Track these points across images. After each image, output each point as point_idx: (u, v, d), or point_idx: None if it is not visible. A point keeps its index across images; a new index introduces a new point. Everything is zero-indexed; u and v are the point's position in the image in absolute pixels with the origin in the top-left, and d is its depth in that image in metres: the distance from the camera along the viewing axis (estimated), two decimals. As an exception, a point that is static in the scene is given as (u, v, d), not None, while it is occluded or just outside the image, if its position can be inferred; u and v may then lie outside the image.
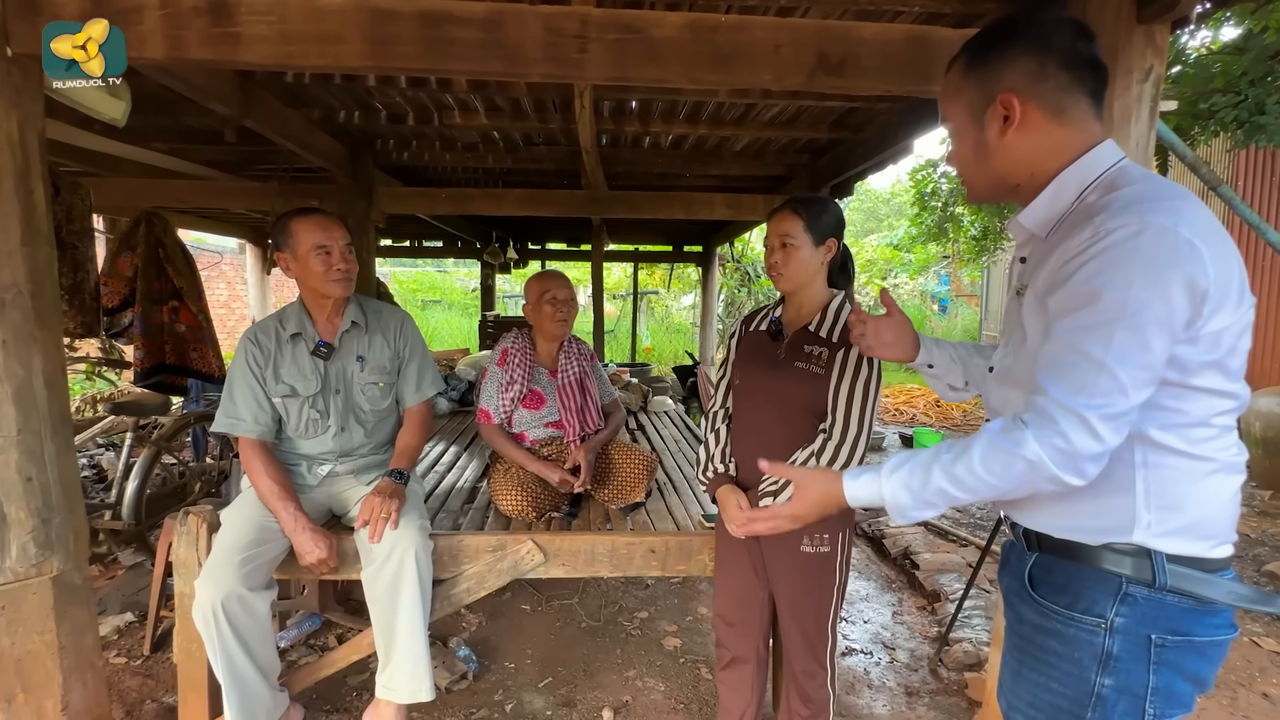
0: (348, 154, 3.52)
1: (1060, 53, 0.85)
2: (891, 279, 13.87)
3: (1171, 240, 0.75)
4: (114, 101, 1.74)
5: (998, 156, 0.90)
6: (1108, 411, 0.76)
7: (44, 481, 1.54)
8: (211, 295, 10.13)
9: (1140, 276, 0.75)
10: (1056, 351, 0.80)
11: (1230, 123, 4.14)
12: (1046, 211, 0.89)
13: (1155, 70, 1.58)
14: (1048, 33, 0.86)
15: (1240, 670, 2.39)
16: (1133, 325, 0.75)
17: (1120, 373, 0.75)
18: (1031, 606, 0.91)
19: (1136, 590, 0.82)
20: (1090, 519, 0.86)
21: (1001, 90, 0.86)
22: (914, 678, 2.34)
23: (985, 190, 0.96)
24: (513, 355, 2.16)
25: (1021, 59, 0.86)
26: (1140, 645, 0.83)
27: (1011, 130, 0.87)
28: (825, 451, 1.44)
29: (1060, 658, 0.87)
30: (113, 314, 3.00)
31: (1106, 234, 0.77)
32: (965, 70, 0.92)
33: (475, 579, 1.83)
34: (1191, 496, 0.82)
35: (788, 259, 1.48)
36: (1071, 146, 0.87)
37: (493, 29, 1.51)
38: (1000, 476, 0.81)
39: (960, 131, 0.94)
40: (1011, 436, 0.80)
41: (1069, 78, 0.85)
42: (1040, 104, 0.86)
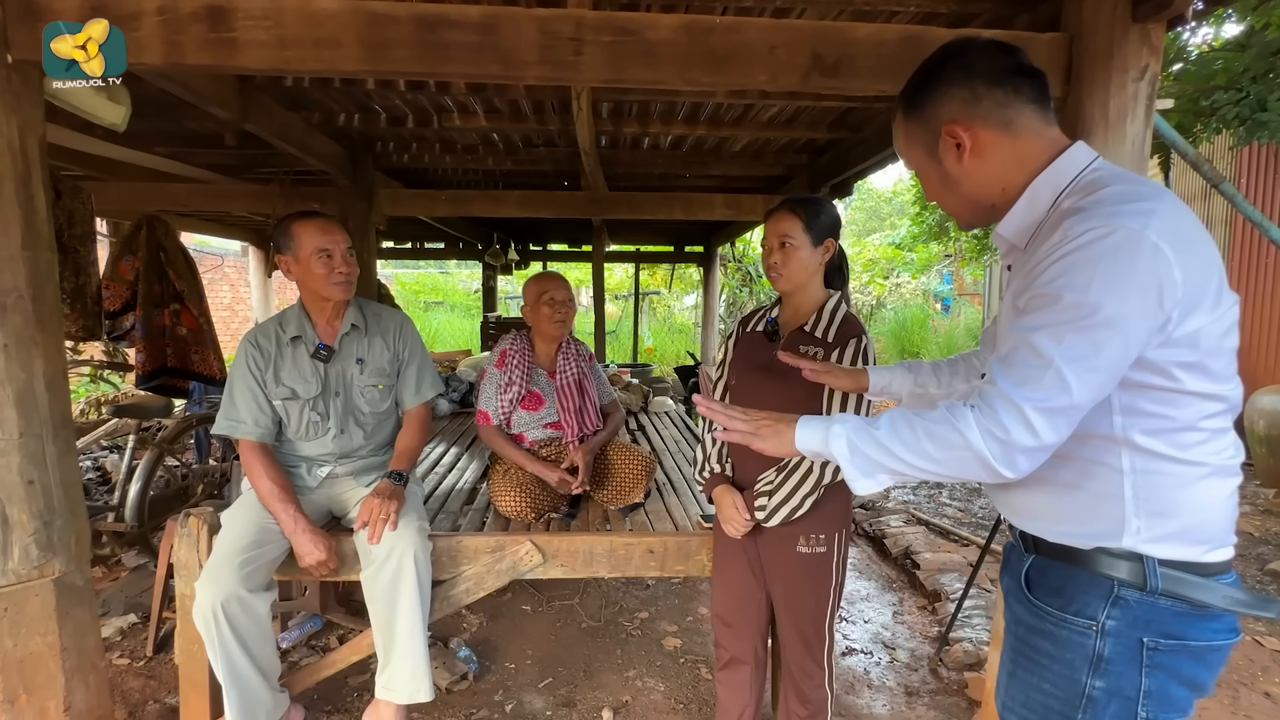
0: (348, 157, 3.53)
1: (984, 72, 0.87)
2: (894, 278, 13.84)
3: (1135, 244, 0.74)
4: (113, 106, 1.76)
5: (964, 184, 0.92)
6: (1046, 405, 0.76)
7: (45, 484, 1.55)
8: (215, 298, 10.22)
9: (1100, 279, 0.75)
10: (1011, 346, 0.81)
11: (1232, 120, 4.13)
12: (1023, 220, 0.89)
13: (1151, 69, 1.58)
14: (966, 60, 0.88)
15: (1242, 669, 2.38)
16: (1085, 326, 0.75)
17: (1066, 371, 0.75)
18: (1026, 607, 0.92)
19: (1128, 593, 0.82)
20: (1081, 524, 0.86)
21: (943, 123, 0.89)
22: (914, 677, 2.34)
23: (968, 216, 0.98)
24: (511, 356, 2.16)
25: (951, 90, 0.88)
26: (1132, 648, 0.82)
27: (967, 156, 0.89)
28: None
29: (1052, 659, 0.88)
30: (114, 317, 3.02)
31: (1075, 237, 0.77)
32: (905, 118, 0.95)
33: (474, 580, 1.84)
34: (1183, 502, 0.81)
35: (787, 259, 1.48)
36: (1033, 154, 0.88)
37: (488, 32, 1.52)
38: (940, 450, 0.81)
39: (924, 172, 0.97)
40: (957, 415, 0.80)
41: (1002, 92, 0.87)
42: (985, 124, 0.87)
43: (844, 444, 0.87)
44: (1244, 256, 5.67)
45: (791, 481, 1.46)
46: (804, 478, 1.45)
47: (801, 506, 1.46)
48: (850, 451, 0.87)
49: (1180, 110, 4.43)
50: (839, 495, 1.51)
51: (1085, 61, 1.59)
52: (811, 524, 1.49)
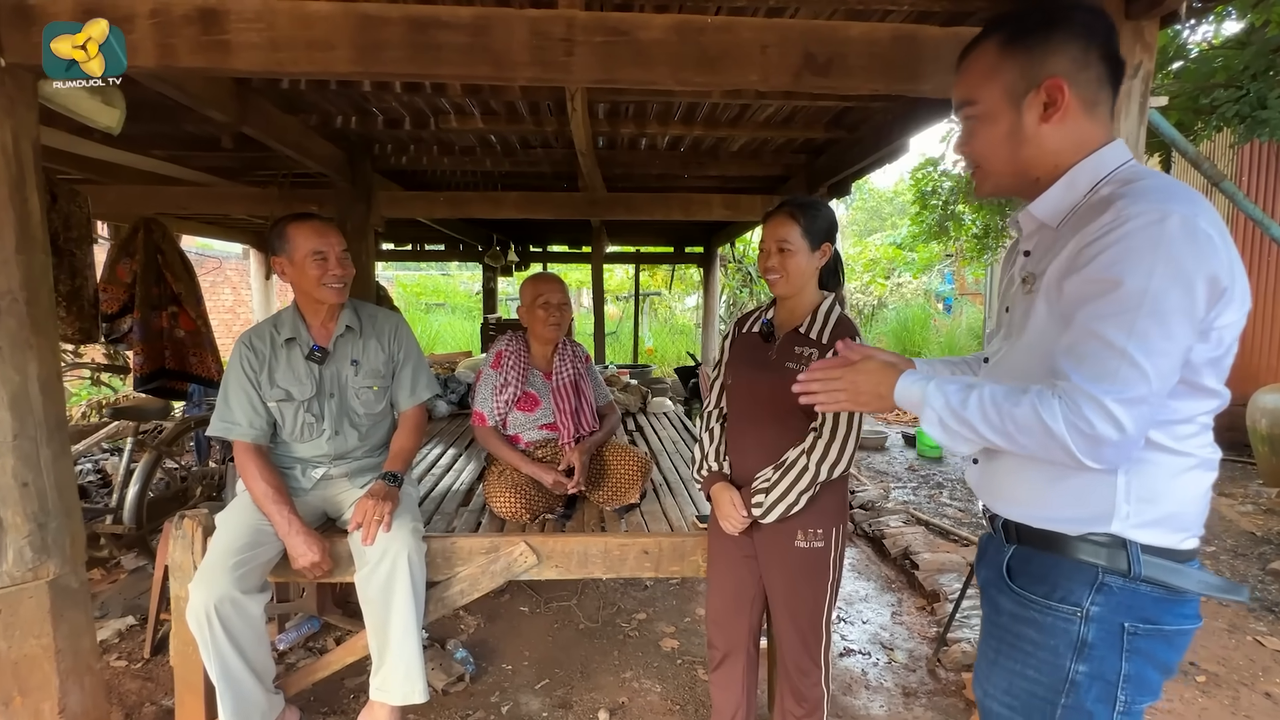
0: (346, 159, 3.53)
1: (1102, 44, 0.84)
2: (895, 278, 13.81)
3: (1192, 230, 0.74)
4: (108, 110, 1.76)
5: (1030, 144, 0.87)
6: (1128, 396, 0.75)
7: (40, 486, 1.55)
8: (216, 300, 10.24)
9: (1163, 265, 0.74)
10: (1077, 339, 0.79)
11: (1232, 118, 4.11)
12: (1059, 203, 0.88)
13: (1145, 66, 1.57)
14: (1091, 21, 0.85)
15: (1243, 670, 2.37)
16: (1154, 312, 0.74)
17: (1141, 359, 0.74)
18: (1010, 597, 0.93)
19: (1112, 580, 0.84)
20: (1071, 509, 0.87)
21: (1049, 75, 0.84)
22: (912, 678, 2.33)
23: (1005, 180, 0.93)
24: (507, 358, 2.16)
25: (1069, 46, 0.84)
26: (1114, 633, 0.85)
27: (1054, 118, 0.85)
28: (815, 449, 1.45)
29: (1037, 645, 0.89)
30: (112, 320, 3.03)
31: (1128, 219, 0.76)
32: (1003, 50, 0.87)
33: (469, 581, 1.84)
34: (1169, 490, 0.84)
35: (784, 264, 1.49)
36: (1092, 140, 0.87)
37: (479, 33, 1.52)
38: (1024, 436, 0.80)
39: (990, 115, 0.89)
40: (1044, 405, 0.79)
41: (1106, 70, 0.85)
42: (1079, 94, 0.85)
43: (935, 423, 0.88)
44: (1245, 255, 5.65)
45: (788, 479, 1.46)
46: (800, 475, 1.46)
47: (798, 503, 1.46)
48: (942, 429, 0.88)
49: (1180, 108, 4.42)
50: (836, 490, 1.51)
51: (1079, 59, 1.59)
52: (809, 518, 1.49)
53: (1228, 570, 3.24)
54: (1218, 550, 3.47)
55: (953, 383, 0.88)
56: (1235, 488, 4.54)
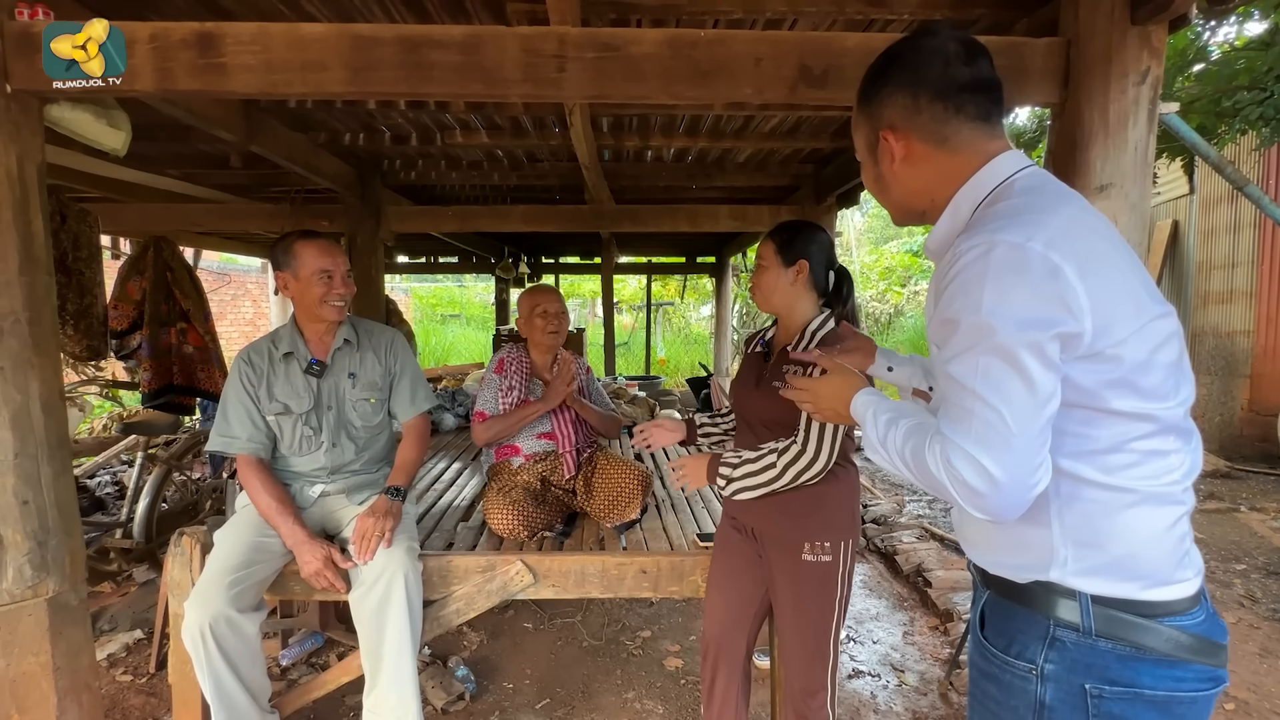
0: (356, 175, 3.59)
1: (931, 84, 0.83)
2: (911, 286, 13.65)
3: (1020, 255, 0.71)
4: (113, 132, 1.80)
5: (894, 188, 0.91)
6: (987, 440, 0.71)
7: (40, 505, 1.57)
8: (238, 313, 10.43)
9: (989, 296, 0.71)
10: (940, 384, 0.79)
11: (1256, 120, 4.00)
12: (945, 233, 0.86)
13: (1153, 72, 1.52)
14: (918, 64, 0.84)
15: (1275, 696, 2.26)
16: (991, 347, 0.71)
17: (992, 398, 0.71)
18: (978, 649, 0.88)
19: (1064, 634, 0.77)
20: (1013, 554, 0.82)
21: (882, 127, 0.88)
22: (922, 702, 2.25)
23: (899, 215, 0.96)
24: (509, 364, 2.18)
25: (895, 95, 0.86)
26: (1074, 695, 0.76)
27: (898, 163, 0.88)
28: (788, 451, 1.43)
29: (1000, 705, 0.83)
30: (122, 336, 3.09)
31: (960, 256, 0.75)
32: (858, 106, 0.93)
33: (465, 600, 1.82)
34: (1110, 532, 0.75)
35: (759, 280, 1.53)
36: (963, 170, 0.85)
37: (471, 51, 1.52)
38: (919, 472, 0.80)
39: (863, 164, 0.95)
40: (931, 448, 0.77)
41: (943, 108, 0.83)
42: (920, 136, 0.85)
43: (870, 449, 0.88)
44: (1273, 260, 5.48)
45: (753, 466, 1.47)
46: (765, 468, 1.45)
47: (754, 490, 1.47)
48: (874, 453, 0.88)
49: (1202, 111, 4.31)
50: (844, 502, 1.49)
51: (1083, 66, 1.55)
52: (816, 531, 1.47)
53: (1259, 589, 3.10)
54: (1249, 569, 3.33)
55: (888, 410, 0.87)
56: (1268, 502, 4.37)
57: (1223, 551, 3.53)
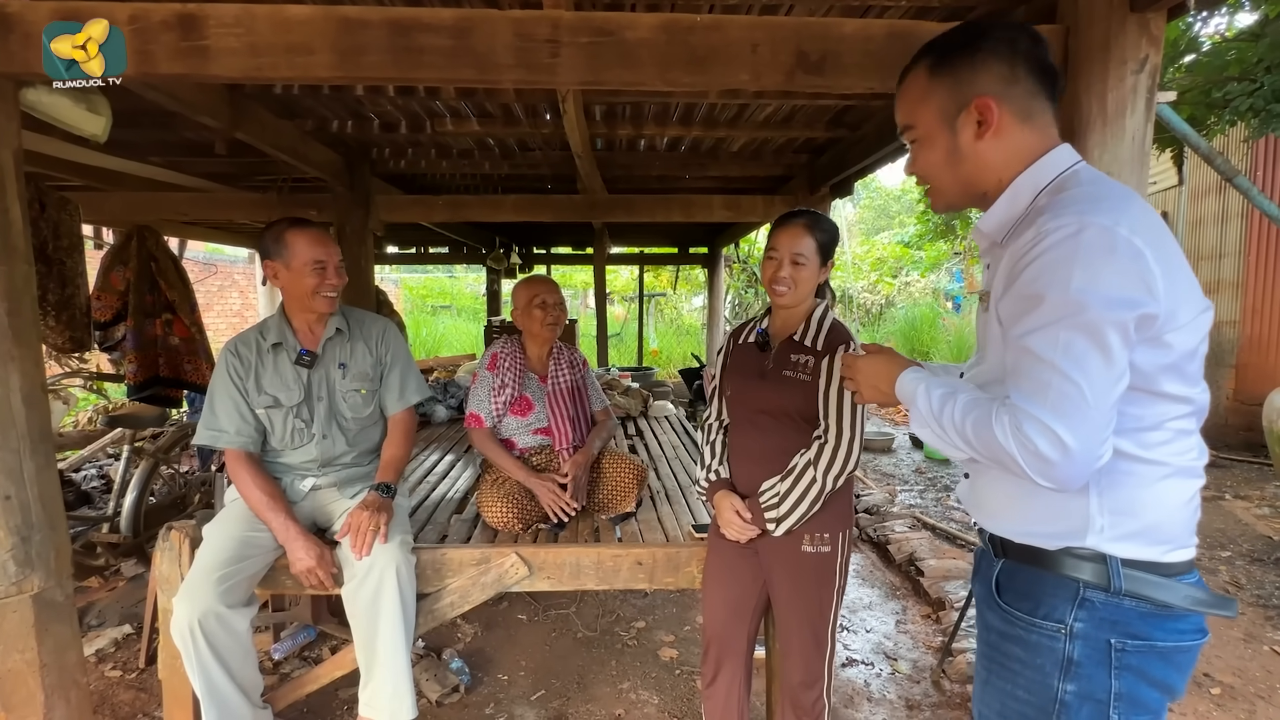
0: (344, 164, 3.52)
1: (1027, 57, 0.86)
2: (903, 277, 13.69)
3: (1110, 238, 0.74)
4: (93, 117, 1.75)
5: (969, 162, 0.89)
6: (1064, 411, 0.74)
7: (23, 499, 1.53)
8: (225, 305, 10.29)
9: (1080, 275, 0.74)
10: (1014, 357, 0.80)
11: (1246, 111, 4.01)
12: (1003, 215, 0.89)
13: (1151, 60, 1.51)
14: (1013, 38, 0.86)
15: (1260, 681, 2.29)
16: (1077, 324, 0.74)
17: (1072, 373, 0.74)
18: (997, 614, 0.92)
19: (1093, 595, 0.83)
20: (1046, 523, 0.86)
21: (976, 95, 0.86)
22: (915, 690, 2.27)
23: (954, 197, 0.95)
24: (503, 360, 2.14)
25: (993, 63, 0.86)
26: (1100, 650, 0.83)
27: (988, 135, 0.87)
28: (822, 456, 1.45)
29: (1024, 665, 0.88)
30: (106, 328, 3.03)
31: (1047, 234, 0.77)
32: (931, 74, 0.90)
33: (459, 593, 1.81)
34: (1145, 501, 0.82)
35: (796, 275, 1.48)
36: (1034, 151, 0.87)
37: (462, 35, 1.49)
38: (982, 445, 0.81)
39: (928, 138, 0.92)
40: (999, 418, 0.78)
41: (1035, 83, 0.86)
42: (1012, 108, 0.86)
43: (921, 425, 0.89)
44: (1260, 251, 5.53)
45: (797, 490, 1.46)
46: (809, 486, 1.45)
47: (809, 513, 1.46)
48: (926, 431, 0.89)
49: (1192, 102, 4.32)
50: (842, 494, 1.51)
51: (1082, 54, 1.53)
52: (815, 523, 1.48)
53: (1244, 576, 3.15)
54: (1233, 555, 3.38)
55: (941, 386, 0.88)
56: (1252, 490, 4.44)
57: (1208, 538, 3.57)
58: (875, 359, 1.01)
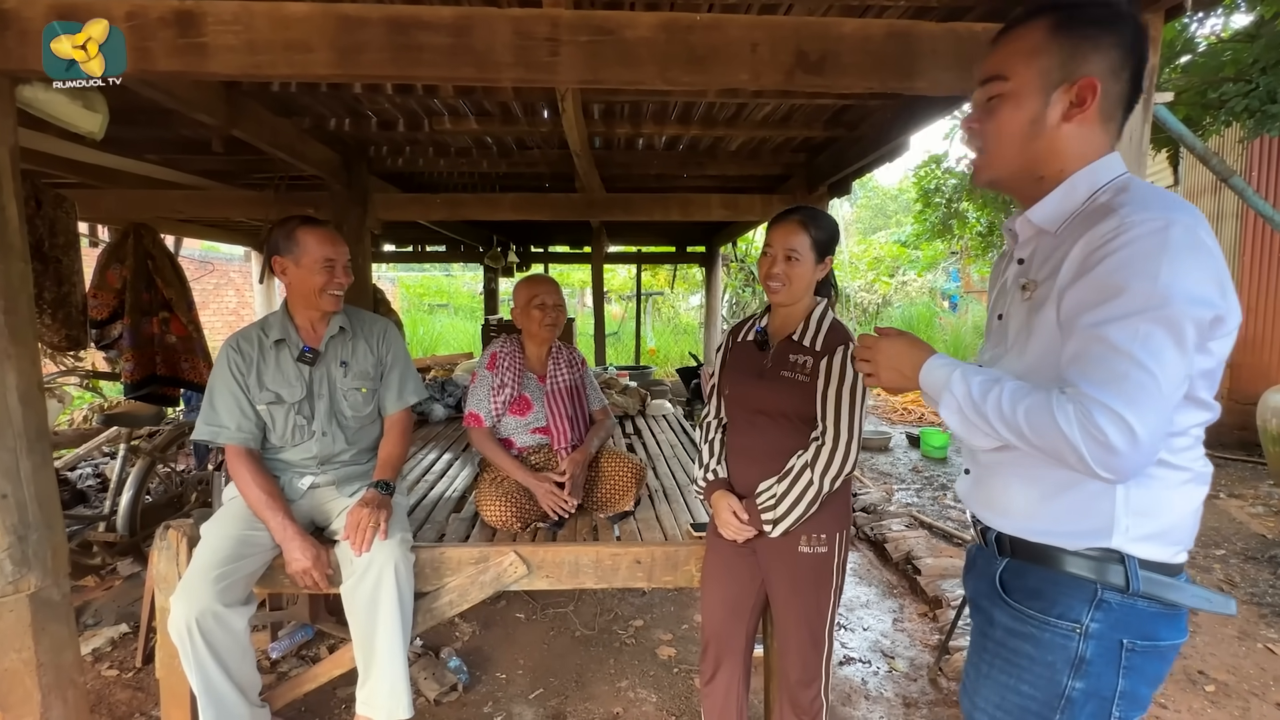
0: (341, 162, 3.51)
1: (1138, 60, 0.84)
2: (899, 276, 13.72)
3: (1194, 237, 0.75)
4: (90, 114, 1.74)
5: (1045, 138, 0.85)
6: (1139, 402, 0.72)
7: (20, 498, 1.53)
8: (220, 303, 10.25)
9: (1167, 271, 0.73)
10: (1083, 345, 0.78)
11: (1241, 112, 4.03)
12: (1058, 208, 0.88)
13: (1149, 61, 1.52)
14: (1138, 39, 0.84)
15: (1253, 679, 2.31)
16: (1160, 317, 0.73)
17: (1150, 364, 0.73)
18: (1005, 610, 0.92)
19: (1110, 596, 0.84)
20: (1069, 523, 0.86)
21: (1086, 74, 0.82)
22: (913, 688, 2.28)
23: (1010, 171, 0.90)
24: (502, 359, 2.14)
25: (1114, 51, 0.82)
26: (1112, 649, 0.84)
27: (1076, 117, 0.83)
28: (820, 458, 1.44)
29: (1033, 660, 0.88)
30: (102, 326, 3.01)
31: (1133, 225, 0.76)
32: (1053, 33, 0.84)
33: (458, 592, 1.81)
34: (1167, 503, 0.84)
35: (790, 272, 1.47)
36: (1099, 152, 0.87)
37: (461, 34, 1.49)
38: (1038, 436, 0.78)
39: (1017, 96, 0.86)
40: (1061, 406, 0.76)
41: (1130, 85, 0.85)
42: (1104, 102, 0.84)
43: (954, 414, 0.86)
44: (1255, 251, 5.56)
45: (794, 492, 1.45)
46: (806, 488, 1.44)
47: (805, 515, 1.46)
48: (960, 420, 0.86)
49: (1188, 102, 4.34)
50: (840, 494, 1.50)
51: (1080, 54, 1.54)
52: (813, 523, 1.48)
53: (1238, 574, 3.17)
54: (1228, 554, 3.41)
55: (980, 373, 0.86)
56: (1245, 489, 4.46)
57: (1202, 537, 3.60)
58: (898, 341, 0.97)
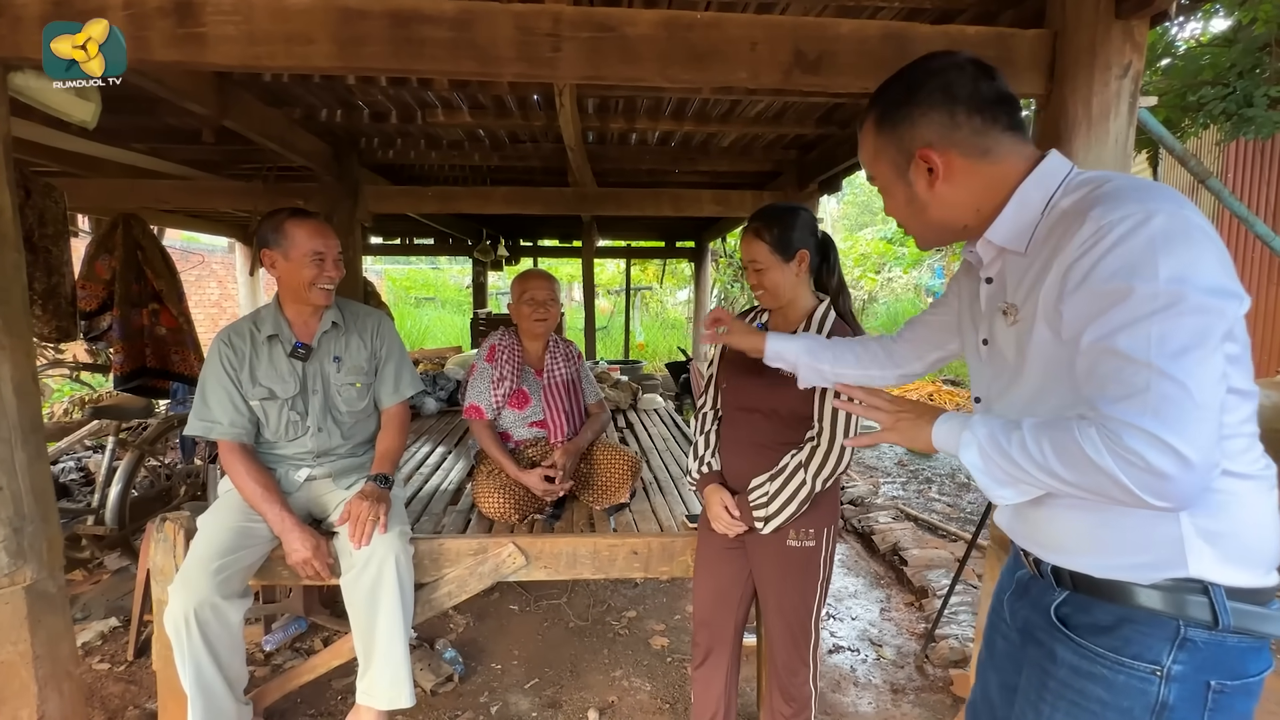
0: (332, 153, 3.48)
1: (965, 99, 0.83)
2: (885, 273, 13.87)
3: (1183, 223, 0.69)
4: (83, 103, 1.72)
5: (933, 208, 0.88)
6: (1170, 416, 0.64)
7: (15, 490, 1.52)
8: (203, 295, 10.09)
9: (1167, 263, 0.67)
10: (1093, 360, 0.71)
11: (1219, 115, 4.13)
12: (1015, 223, 0.84)
13: (1134, 66, 1.57)
14: (949, 81, 0.84)
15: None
16: (1174, 314, 0.66)
17: (1172, 369, 0.65)
18: (1069, 647, 0.82)
19: (1196, 634, 0.74)
20: (1135, 554, 0.77)
21: (918, 147, 0.85)
22: (900, 675, 2.34)
23: (932, 237, 0.94)
24: (500, 352, 2.15)
25: (930, 113, 0.84)
26: (1198, 692, 0.75)
27: (939, 182, 0.86)
28: (814, 458, 1.45)
29: (1105, 705, 0.79)
30: (91, 317, 2.97)
31: (1111, 226, 0.70)
32: (877, 131, 0.90)
33: (456, 583, 1.82)
34: (1238, 517, 0.74)
35: (763, 281, 1.48)
36: (1010, 176, 0.84)
37: (463, 28, 1.49)
38: (1072, 472, 0.71)
39: (889, 189, 0.92)
40: (1084, 435, 0.69)
41: (981, 120, 0.83)
42: (961, 151, 0.84)
43: (975, 453, 0.80)
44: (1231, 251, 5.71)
45: (786, 491, 1.47)
46: (798, 488, 1.46)
47: (796, 513, 1.48)
48: (983, 461, 0.79)
49: (1168, 105, 4.44)
50: (829, 491, 1.52)
51: (1068, 58, 1.58)
52: (802, 519, 1.50)
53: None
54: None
55: (985, 423, 0.81)
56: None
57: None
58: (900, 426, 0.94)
